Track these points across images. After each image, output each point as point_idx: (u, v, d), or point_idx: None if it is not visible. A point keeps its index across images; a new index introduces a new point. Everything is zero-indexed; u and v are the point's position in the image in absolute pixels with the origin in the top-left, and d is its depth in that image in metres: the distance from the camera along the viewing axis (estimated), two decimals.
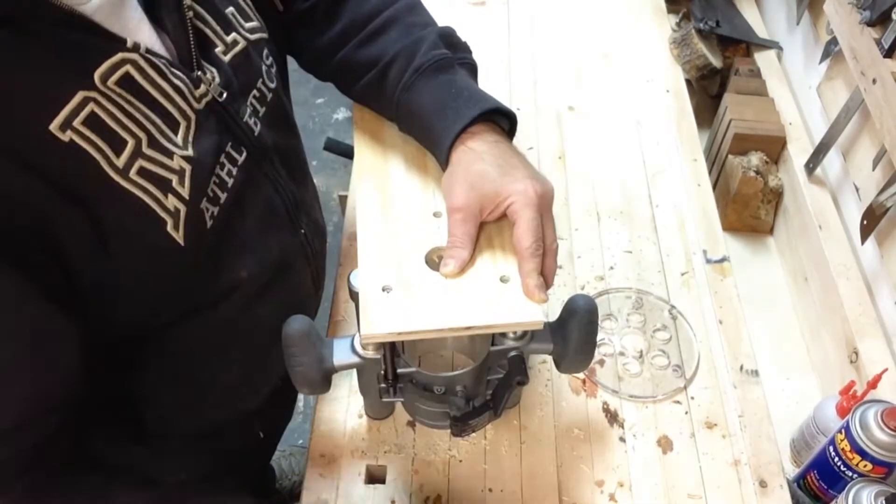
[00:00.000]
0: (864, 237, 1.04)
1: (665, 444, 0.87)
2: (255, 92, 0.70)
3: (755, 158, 1.27)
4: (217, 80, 0.64)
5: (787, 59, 1.43)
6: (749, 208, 1.28)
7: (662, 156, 1.19)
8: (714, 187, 1.20)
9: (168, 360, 0.71)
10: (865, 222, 1.03)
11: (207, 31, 0.65)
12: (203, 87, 0.62)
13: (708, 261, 1.05)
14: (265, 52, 0.73)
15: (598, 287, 1.02)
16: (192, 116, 0.61)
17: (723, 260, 1.06)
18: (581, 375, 0.93)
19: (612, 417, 0.89)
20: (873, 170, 1.06)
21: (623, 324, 0.98)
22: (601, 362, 0.94)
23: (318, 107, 2.54)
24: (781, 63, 1.43)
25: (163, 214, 0.58)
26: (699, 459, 0.86)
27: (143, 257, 0.59)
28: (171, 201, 0.58)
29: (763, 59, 1.43)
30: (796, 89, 1.37)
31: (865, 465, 0.86)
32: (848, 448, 0.87)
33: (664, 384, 0.92)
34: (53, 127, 0.51)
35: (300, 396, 1.84)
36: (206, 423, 0.82)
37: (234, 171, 0.66)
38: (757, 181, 1.25)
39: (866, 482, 0.84)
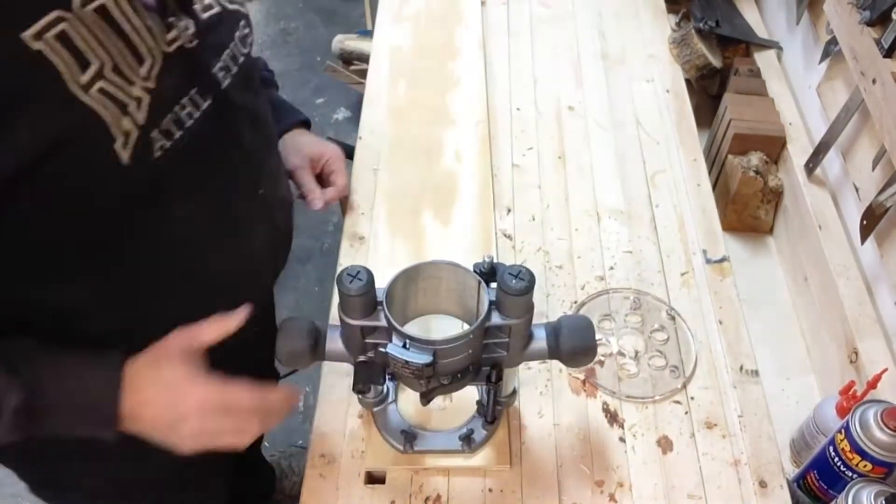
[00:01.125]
0: (863, 237, 1.04)
1: (665, 445, 0.87)
2: (228, 51, 0.75)
3: (755, 158, 1.27)
4: (191, 30, 0.68)
5: (787, 59, 1.43)
6: (749, 208, 1.28)
7: (662, 156, 1.19)
8: (714, 187, 1.20)
9: (98, 282, 0.72)
10: (865, 222, 1.03)
11: None
12: (174, 33, 0.66)
13: (708, 261, 1.05)
14: (241, 22, 0.78)
15: (598, 287, 1.02)
16: (159, 56, 0.65)
17: (723, 260, 1.06)
18: (581, 376, 0.93)
19: (612, 417, 0.89)
20: (873, 170, 1.06)
21: (621, 324, 0.98)
22: (600, 363, 0.94)
23: (318, 107, 2.54)
24: (781, 63, 1.43)
25: (115, 131, 0.61)
26: (699, 459, 0.86)
27: (88, 167, 0.62)
28: (126, 122, 0.62)
29: (763, 59, 1.43)
30: (796, 89, 1.37)
31: (865, 465, 0.86)
32: (848, 448, 0.87)
33: (661, 385, 0.92)
34: (26, 35, 0.55)
35: (300, 396, 1.84)
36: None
37: (196, 114, 0.69)
38: (757, 181, 1.25)
39: (866, 482, 0.84)
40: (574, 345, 0.75)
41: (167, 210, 0.72)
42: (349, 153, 1.14)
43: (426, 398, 0.76)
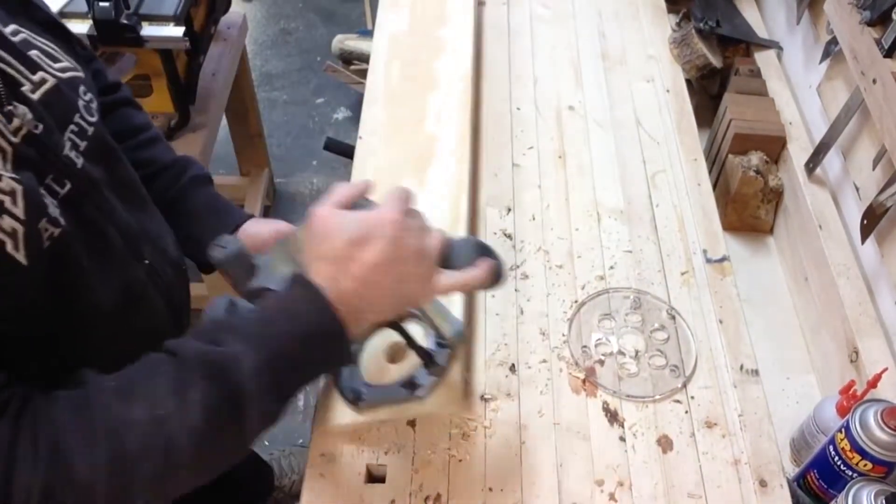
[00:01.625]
0: (864, 237, 1.04)
1: (665, 444, 0.87)
2: (72, 126, 0.71)
3: (755, 158, 1.27)
4: (29, 115, 0.65)
5: (787, 59, 1.43)
6: (749, 208, 1.28)
7: (662, 156, 1.19)
8: (714, 187, 1.20)
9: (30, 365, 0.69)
10: (865, 222, 1.03)
11: (11, 71, 0.66)
12: (16, 121, 0.63)
13: (708, 260, 1.06)
14: (81, 88, 0.74)
15: (598, 286, 1.02)
16: (9, 148, 0.62)
17: (723, 260, 1.06)
18: (581, 375, 0.93)
19: (612, 417, 0.89)
20: (873, 169, 1.06)
21: (621, 323, 0.98)
22: (600, 362, 0.94)
23: (318, 107, 2.54)
24: (781, 63, 1.43)
25: (0, 236, 0.58)
26: (699, 459, 0.86)
27: None
28: (8, 222, 0.59)
29: (763, 58, 1.43)
30: (796, 89, 1.38)
31: (865, 465, 0.86)
32: (848, 447, 0.87)
33: (661, 384, 0.92)
34: None
35: (300, 396, 1.84)
36: None
37: (57, 202, 0.66)
38: (757, 181, 1.25)
39: (866, 481, 0.84)
40: (460, 264, 0.69)
41: (70, 302, 0.69)
42: (349, 153, 1.14)
43: None
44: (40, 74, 0.69)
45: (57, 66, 0.72)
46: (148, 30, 1.28)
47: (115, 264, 0.75)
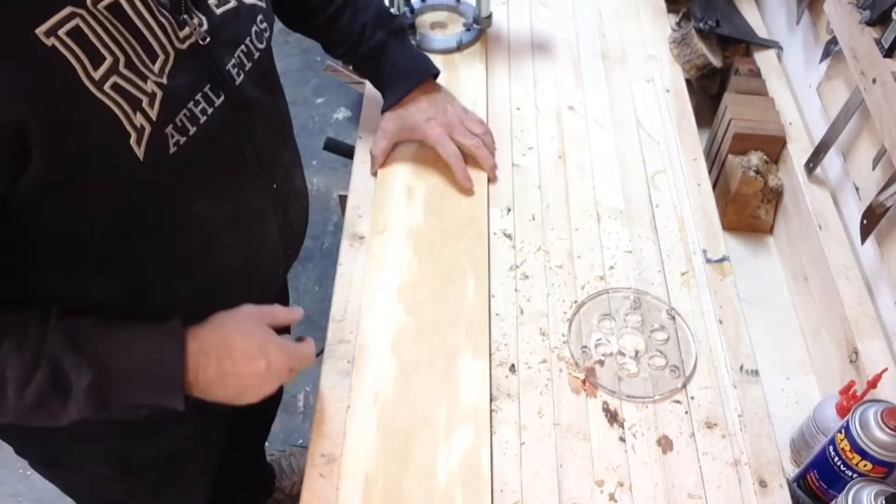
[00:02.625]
0: (864, 237, 1.04)
1: (665, 444, 0.87)
2: (242, 47, 0.75)
3: (755, 158, 1.26)
4: (205, 26, 0.69)
5: (787, 59, 1.43)
6: (749, 208, 1.28)
7: (662, 156, 1.19)
8: (714, 187, 1.20)
9: (120, 275, 0.74)
10: (865, 222, 1.03)
11: None
12: (187, 30, 0.67)
13: (708, 261, 1.06)
14: (259, 17, 0.78)
15: (598, 287, 1.02)
16: (172, 53, 0.65)
17: (723, 260, 1.06)
18: (581, 375, 0.93)
19: (612, 417, 0.89)
20: (873, 170, 1.06)
21: (621, 324, 0.98)
22: (600, 362, 0.94)
23: (318, 107, 2.54)
24: (781, 63, 1.43)
25: (128, 128, 0.62)
26: (699, 459, 0.86)
27: (105, 164, 0.63)
28: (139, 118, 0.62)
29: (763, 58, 1.43)
30: (796, 89, 1.37)
31: (865, 465, 0.86)
32: (848, 448, 0.87)
33: (661, 384, 0.92)
34: (39, 31, 0.55)
35: (300, 396, 1.84)
36: None
37: (210, 110, 0.70)
38: (757, 181, 1.25)
39: (866, 482, 0.84)
40: None
41: (183, 204, 0.73)
42: (349, 153, 1.14)
43: None
44: None
45: None
46: None
47: (241, 181, 0.79)
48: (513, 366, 0.93)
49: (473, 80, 1.27)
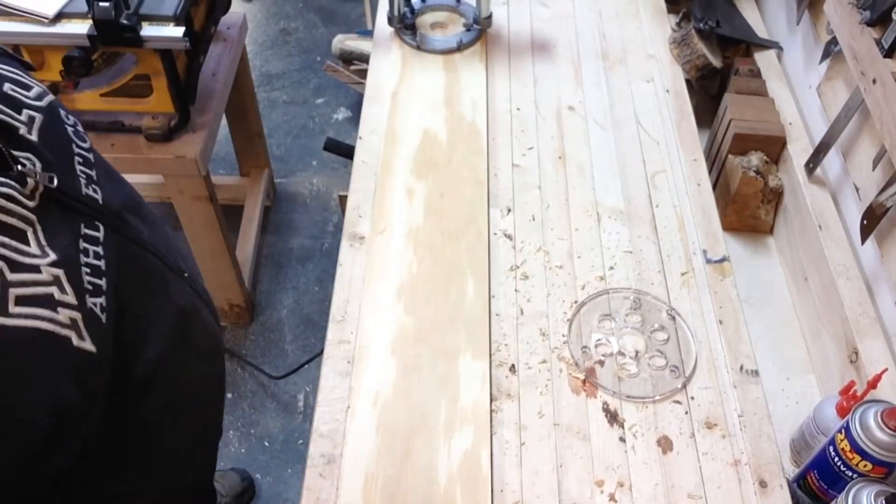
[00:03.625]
0: (864, 237, 1.04)
1: (665, 444, 0.87)
2: (77, 158, 0.64)
3: (755, 158, 1.27)
4: (38, 165, 0.57)
5: (787, 59, 1.43)
6: (749, 208, 1.28)
7: (662, 156, 1.19)
8: (714, 187, 1.20)
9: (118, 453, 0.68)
10: (865, 222, 1.03)
11: (2, 116, 0.57)
12: (30, 182, 0.54)
13: (708, 261, 1.05)
14: (62, 112, 0.66)
15: (598, 287, 1.02)
16: (33, 217, 0.54)
17: (723, 260, 1.06)
18: (581, 376, 0.93)
19: (612, 417, 0.89)
20: (873, 170, 1.06)
21: (621, 324, 0.98)
22: (600, 363, 0.94)
23: (318, 107, 2.54)
24: (781, 63, 1.43)
25: (64, 332, 0.53)
26: (699, 459, 0.86)
27: (64, 382, 0.54)
28: (65, 314, 0.53)
29: (763, 59, 1.43)
30: (796, 89, 1.37)
31: (865, 465, 0.86)
32: (848, 448, 0.87)
33: (661, 385, 0.92)
34: None
35: (300, 396, 1.84)
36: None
37: (101, 250, 0.61)
38: (757, 181, 1.25)
39: (866, 482, 0.84)
40: None
41: (145, 346, 0.66)
42: (349, 153, 1.14)
43: None
44: (26, 112, 0.59)
45: (32, 94, 0.62)
46: (148, 30, 1.28)
47: (166, 289, 0.72)
48: (513, 366, 0.93)
49: (473, 80, 1.27)
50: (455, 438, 0.85)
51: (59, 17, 1.25)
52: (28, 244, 0.53)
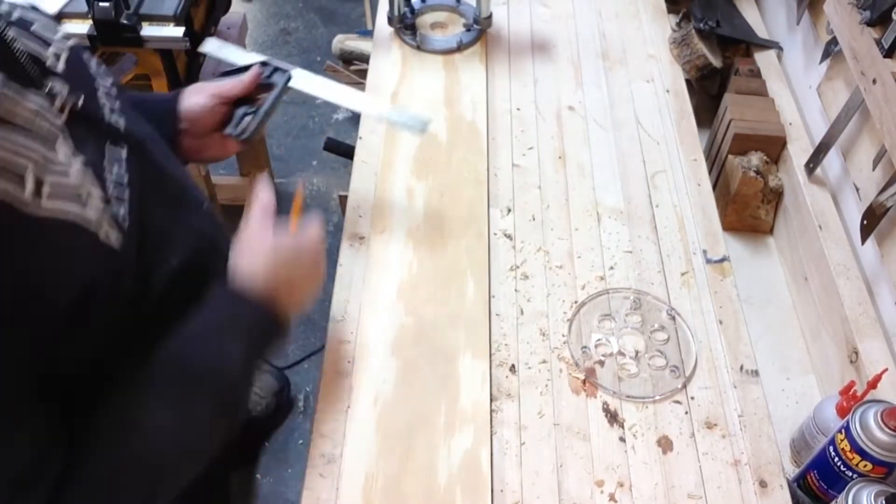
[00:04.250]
0: (864, 237, 1.04)
1: (665, 444, 0.87)
2: (100, 90, 0.70)
3: (755, 158, 1.27)
4: (66, 90, 0.62)
5: (787, 59, 1.43)
6: (749, 208, 1.28)
7: (662, 156, 1.19)
8: (714, 187, 1.20)
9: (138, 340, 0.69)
10: (865, 222, 1.03)
11: (33, 44, 0.63)
12: (59, 100, 0.61)
13: (708, 261, 1.05)
14: (85, 55, 0.72)
15: (599, 287, 1.02)
16: (62, 130, 0.60)
17: (723, 260, 1.06)
18: (581, 376, 0.93)
19: (612, 417, 0.89)
20: (873, 170, 1.06)
21: (621, 324, 0.98)
22: (600, 363, 0.94)
23: (318, 107, 2.54)
24: (781, 63, 1.43)
25: (91, 228, 0.58)
26: (699, 459, 0.86)
27: (89, 269, 0.58)
28: (91, 210, 0.59)
29: (763, 59, 1.43)
30: (796, 89, 1.37)
31: (865, 465, 0.86)
32: (848, 448, 0.87)
33: (662, 385, 0.92)
34: None
35: (300, 396, 1.84)
36: None
37: (123, 168, 0.66)
38: (757, 181, 1.25)
39: (866, 482, 0.84)
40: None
41: (166, 263, 0.69)
42: (349, 153, 1.14)
43: None
44: (52, 50, 0.66)
45: (58, 36, 0.68)
46: (148, 30, 1.28)
47: (185, 215, 0.76)
48: (513, 366, 0.93)
49: (473, 80, 1.27)
50: (455, 438, 0.85)
51: (59, 17, 1.25)
52: (57, 152, 0.58)
